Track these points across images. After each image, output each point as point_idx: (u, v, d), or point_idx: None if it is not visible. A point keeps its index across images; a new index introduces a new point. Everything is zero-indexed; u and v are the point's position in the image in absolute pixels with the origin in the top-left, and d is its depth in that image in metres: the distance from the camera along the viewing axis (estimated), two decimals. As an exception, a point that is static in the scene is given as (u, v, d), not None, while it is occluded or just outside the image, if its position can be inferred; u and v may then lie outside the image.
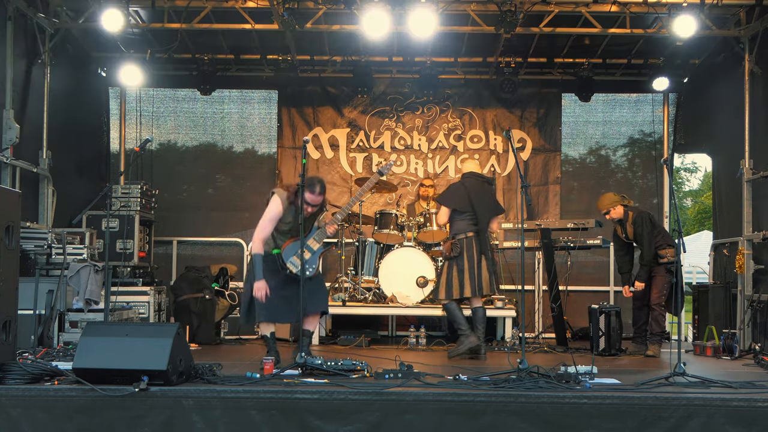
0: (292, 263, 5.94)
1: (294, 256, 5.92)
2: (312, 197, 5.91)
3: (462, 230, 6.93)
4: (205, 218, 10.35)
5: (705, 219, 24.00)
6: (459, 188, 7.06)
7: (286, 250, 5.95)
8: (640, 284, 7.40)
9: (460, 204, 6.89)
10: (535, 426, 4.56)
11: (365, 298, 8.43)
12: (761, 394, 4.74)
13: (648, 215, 7.49)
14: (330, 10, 8.34)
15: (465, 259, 6.86)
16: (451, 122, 10.40)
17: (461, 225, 6.94)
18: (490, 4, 8.32)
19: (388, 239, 8.56)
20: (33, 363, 5.09)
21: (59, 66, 8.62)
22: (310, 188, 5.90)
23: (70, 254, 7.35)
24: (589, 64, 9.76)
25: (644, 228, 7.35)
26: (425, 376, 5.17)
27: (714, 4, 8.01)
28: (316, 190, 5.92)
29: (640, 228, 7.37)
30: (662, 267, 7.36)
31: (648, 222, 7.39)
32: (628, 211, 7.51)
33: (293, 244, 5.94)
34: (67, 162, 8.93)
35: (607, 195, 7.70)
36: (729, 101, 8.89)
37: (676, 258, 6.48)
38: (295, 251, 5.89)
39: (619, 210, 7.52)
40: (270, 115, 10.50)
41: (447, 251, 6.94)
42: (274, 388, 4.74)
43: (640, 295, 7.54)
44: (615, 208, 7.52)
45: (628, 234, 7.54)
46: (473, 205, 6.90)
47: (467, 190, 6.95)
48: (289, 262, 5.99)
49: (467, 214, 6.93)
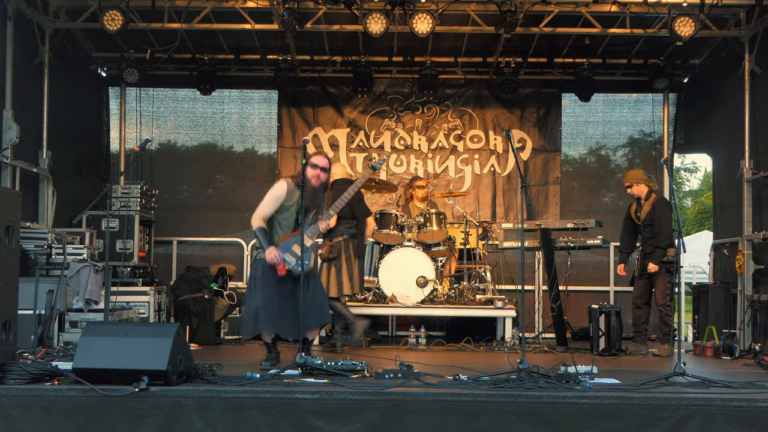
0: (287, 260, 5.92)
1: (287, 254, 5.87)
2: (319, 159, 5.92)
3: (340, 233, 7.39)
4: (205, 218, 10.35)
5: (705, 219, 23.99)
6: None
7: (281, 246, 5.89)
8: (654, 266, 7.37)
9: (345, 210, 6.99)
10: (535, 426, 4.55)
11: (365, 298, 8.43)
12: (761, 394, 4.73)
13: (671, 204, 7.36)
14: (330, 10, 8.33)
15: (343, 260, 7.37)
16: (451, 122, 10.40)
17: (340, 229, 7.38)
18: (490, 4, 8.33)
19: (388, 239, 8.55)
20: (33, 363, 5.09)
21: (59, 66, 8.62)
22: (317, 154, 6.00)
23: (70, 254, 7.35)
24: (589, 64, 9.77)
25: (665, 212, 7.39)
26: (425, 376, 5.16)
27: (714, 4, 8.01)
28: (322, 154, 6.02)
29: (660, 211, 7.41)
30: (663, 266, 7.38)
31: (668, 208, 7.42)
32: (652, 193, 7.54)
33: (288, 240, 5.90)
34: (67, 162, 8.93)
35: (636, 170, 7.89)
36: (729, 101, 8.89)
37: (676, 258, 6.48)
38: (290, 247, 5.86)
39: (642, 188, 7.55)
40: (270, 115, 10.50)
41: (326, 253, 7.33)
42: (274, 388, 4.73)
43: (639, 294, 7.58)
44: (639, 185, 7.55)
45: (641, 215, 7.56)
46: (353, 210, 7.38)
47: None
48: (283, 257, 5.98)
49: (347, 219, 7.39)
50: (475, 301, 8.47)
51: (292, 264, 5.83)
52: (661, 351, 7.40)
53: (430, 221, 8.50)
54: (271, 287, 5.84)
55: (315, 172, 5.89)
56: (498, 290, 8.78)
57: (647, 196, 7.55)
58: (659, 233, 7.40)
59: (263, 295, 5.83)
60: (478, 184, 10.33)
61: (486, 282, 8.81)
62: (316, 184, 5.89)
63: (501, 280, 9.11)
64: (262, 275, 5.88)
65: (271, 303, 5.82)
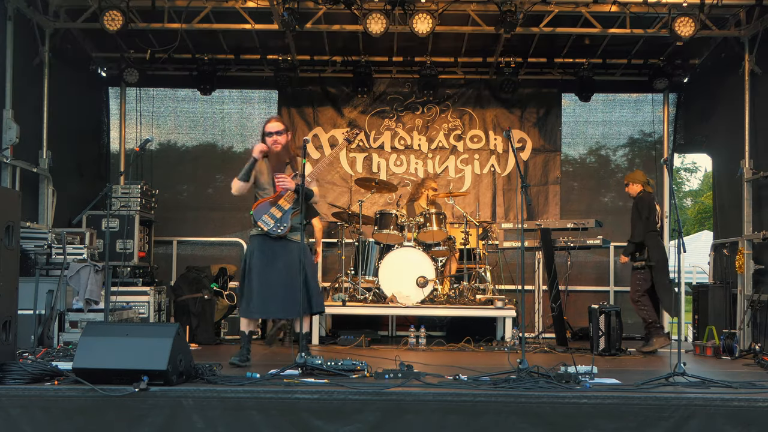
0: (264, 222, 6.03)
1: (265, 215, 6.03)
2: (271, 125, 6.12)
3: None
4: (205, 218, 10.35)
5: (705, 219, 24.00)
6: None
7: (257, 210, 6.07)
8: (624, 258, 7.83)
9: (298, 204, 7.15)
10: (535, 426, 4.55)
11: (365, 298, 8.43)
12: (761, 394, 4.73)
13: (646, 203, 7.70)
14: (330, 10, 8.33)
15: None
16: (451, 122, 10.40)
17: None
18: (490, 4, 8.32)
19: (388, 239, 8.55)
20: (33, 363, 5.09)
21: (59, 66, 8.61)
22: (268, 121, 6.18)
23: (70, 254, 7.35)
24: (589, 64, 9.77)
25: (634, 212, 7.76)
26: (425, 376, 5.16)
27: (714, 4, 8.01)
28: (272, 120, 6.19)
29: (634, 208, 7.79)
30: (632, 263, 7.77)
31: (639, 209, 7.72)
32: (641, 194, 7.86)
33: (263, 204, 6.07)
34: (67, 162, 8.93)
35: (637, 171, 8.24)
36: (729, 101, 8.88)
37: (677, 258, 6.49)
38: (267, 210, 6.03)
39: (633, 188, 7.92)
40: (270, 115, 10.44)
41: None
42: (274, 388, 4.73)
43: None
44: (633, 185, 7.91)
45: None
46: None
47: None
48: (260, 220, 6.05)
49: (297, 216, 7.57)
50: (475, 301, 8.47)
51: (270, 226, 6.00)
52: (648, 348, 7.50)
53: (430, 221, 8.50)
54: (263, 269, 6.00)
55: (271, 140, 6.11)
56: (498, 290, 8.78)
57: (636, 196, 7.87)
58: (633, 228, 7.76)
59: (257, 278, 6.01)
60: (478, 184, 10.33)
61: (486, 282, 8.81)
62: (278, 149, 6.11)
63: (501, 280, 9.11)
64: (253, 256, 6.08)
65: (271, 287, 5.97)
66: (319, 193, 6.40)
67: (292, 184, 6.04)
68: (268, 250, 6.07)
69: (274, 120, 6.22)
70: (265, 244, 6.08)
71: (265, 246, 6.08)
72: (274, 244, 6.07)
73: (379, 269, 8.42)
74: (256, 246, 6.11)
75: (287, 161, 6.17)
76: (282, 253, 6.05)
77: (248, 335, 6.20)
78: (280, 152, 6.12)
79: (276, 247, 6.06)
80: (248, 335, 6.20)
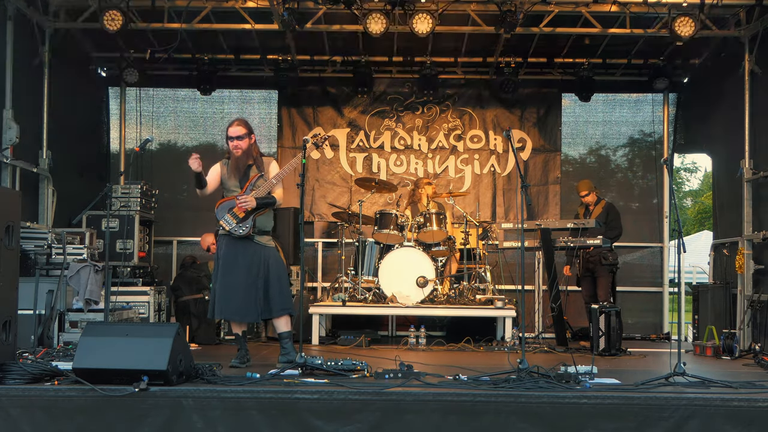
0: (226, 221, 6.03)
1: (228, 214, 6.03)
2: (231, 130, 6.05)
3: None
4: (205, 218, 10.26)
5: (705, 219, 23.98)
6: None
7: (219, 209, 6.08)
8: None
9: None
10: (535, 426, 4.55)
11: (365, 298, 8.43)
12: (761, 394, 4.73)
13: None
14: (330, 10, 8.34)
15: None
16: (451, 122, 10.39)
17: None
18: (490, 4, 8.32)
19: (388, 239, 8.55)
20: (33, 363, 5.09)
21: (59, 66, 8.61)
22: (230, 125, 6.10)
23: (70, 254, 7.35)
24: (589, 64, 9.77)
25: (618, 213, 8.58)
26: (425, 376, 5.16)
27: (714, 4, 8.01)
28: (234, 123, 6.09)
29: (614, 213, 8.51)
30: (605, 267, 8.10)
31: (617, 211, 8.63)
32: (602, 199, 8.71)
33: (225, 203, 6.09)
34: (67, 162, 8.92)
35: (587, 180, 8.81)
36: (729, 101, 8.88)
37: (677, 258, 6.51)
38: (228, 208, 6.03)
39: (594, 196, 8.62)
40: (270, 115, 10.50)
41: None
42: (274, 388, 4.74)
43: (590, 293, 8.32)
44: (592, 193, 8.62)
45: (591, 217, 8.38)
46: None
47: None
48: (222, 219, 6.04)
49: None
50: (475, 301, 8.46)
51: (232, 225, 6.00)
52: None
53: (430, 221, 8.50)
54: (231, 271, 5.98)
55: (232, 144, 6.07)
56: (498, 290, 8.78)
57: (597, 202, 8.59)
58: (612, 229, 8.34)
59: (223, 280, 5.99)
60: (478, 184, 10.33)
61: (486, 282, 8.81)
62: (239, 153, 6.07)
63: (501, 280, 9.11)
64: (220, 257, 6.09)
65: (230, 289, 5.96)
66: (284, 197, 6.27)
67: (254, 202, 6.00)
68: (232, 251, 6.04)
69: (236, 123, 6.10)
70: (230, 245, 6.05)
71: (230, 247, 6.05)
72: (237, 244, 6.03)
73: (379, 269, 8.42)
74: (223, 246, 6.09)
75: (250, 163, 6.13)
76: (245, 255, 6.01)
77: (242, 336, 6.19)
78: (240, 156, 6.08)
79: (240, 248, 6.02)
80: (242, 336, 6.19)
